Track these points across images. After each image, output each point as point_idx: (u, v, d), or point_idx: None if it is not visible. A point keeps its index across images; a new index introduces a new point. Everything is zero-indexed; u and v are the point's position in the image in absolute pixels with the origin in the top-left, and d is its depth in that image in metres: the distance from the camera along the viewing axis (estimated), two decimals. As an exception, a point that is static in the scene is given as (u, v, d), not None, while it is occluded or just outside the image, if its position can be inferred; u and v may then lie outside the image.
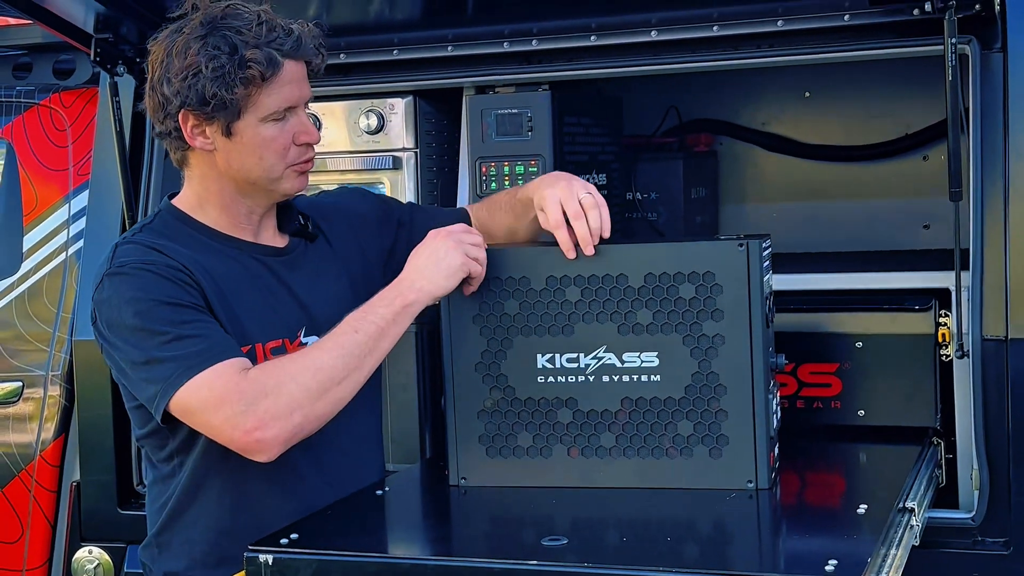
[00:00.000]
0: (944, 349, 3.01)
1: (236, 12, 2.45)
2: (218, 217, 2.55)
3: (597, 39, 3.21)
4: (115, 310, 2.37)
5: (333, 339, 2.38)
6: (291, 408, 2.30)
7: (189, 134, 2.46)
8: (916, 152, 3.95)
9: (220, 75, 2.38)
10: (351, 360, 2.36)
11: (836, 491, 2.75)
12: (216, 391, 2.29)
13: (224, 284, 2.47)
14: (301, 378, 2.31)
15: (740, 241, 2.46)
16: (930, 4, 2.79)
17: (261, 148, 2.47)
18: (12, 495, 3.72)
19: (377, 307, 2.42)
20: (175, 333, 2.33)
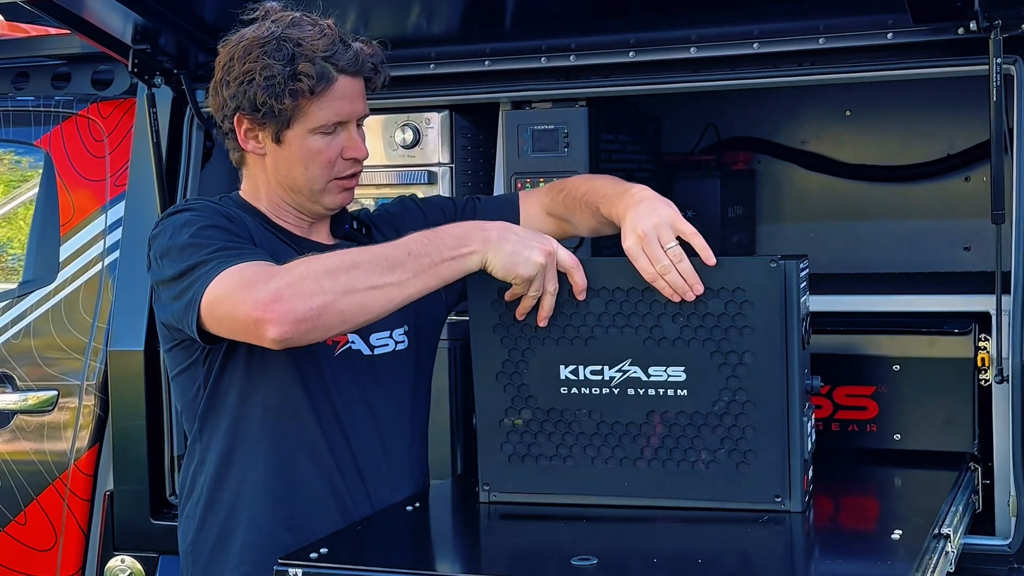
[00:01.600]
0: (983, 374, 2.97)
1: (301, 23, 2.51)
2: (271, 213, 2.61)
3: (635, 55, 3.18)
4: (169, 235, 2.43)
5: (383, 248, 2.36)
6: (313, 292, 2.25)
7: (243, 137, 2.55)
8: (958, 173, 3.92)
9: (271, 84, 2.45)
10: (389, 274, 2.31)
11: (870, 516, 2.72)
12: (248, 273, 2.29)
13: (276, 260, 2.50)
14: (335, 270, 2.28)
15: (774, 259, 2.42)
16: (975, 23, 2.76)
17: (307, 159, 2.52)
18: (46, 503, 3.74)
19: (442, 240, 2.36)
20: (222, 244, 2.37)
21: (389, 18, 3.39)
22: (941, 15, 2.82)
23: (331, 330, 2.32)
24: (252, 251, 2.40)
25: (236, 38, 2.53)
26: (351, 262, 2.30)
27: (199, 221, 2.43)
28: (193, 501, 2.62)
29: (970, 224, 3.79)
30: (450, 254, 2.36)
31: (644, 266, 2.42)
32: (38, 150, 3.94)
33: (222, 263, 2.32)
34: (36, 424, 3.75)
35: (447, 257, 2.35)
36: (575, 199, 2.72)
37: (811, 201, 4.08)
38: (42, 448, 3.73)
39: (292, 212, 2.62)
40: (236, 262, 2.32)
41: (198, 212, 2.48)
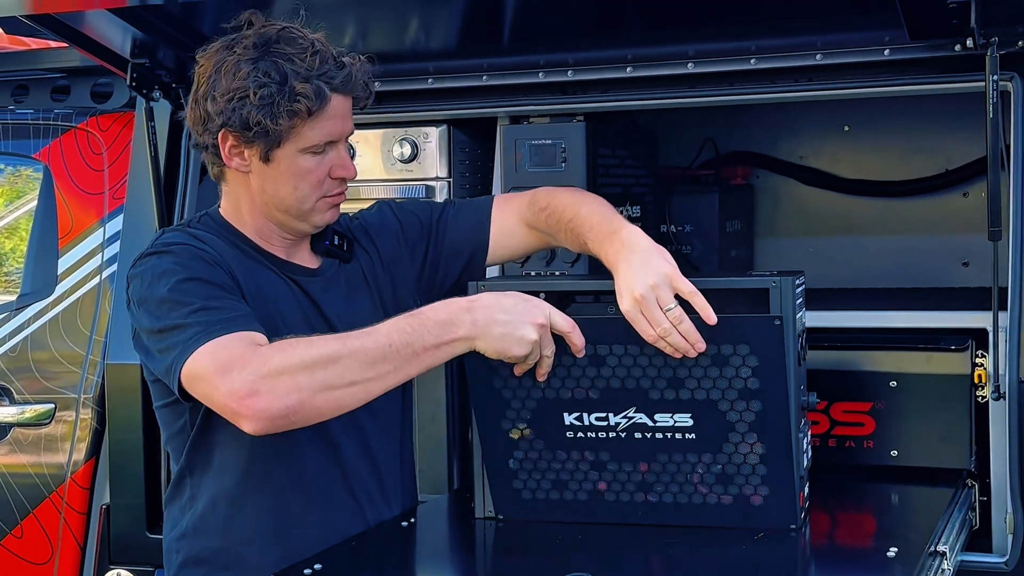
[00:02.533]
0: (980, 390, 2.96)
1: (291, 37, 2.43)
2: (253, 234, 2.55)
3: (633, 71, 3.19)
4: (148, 284, 2.36)
5: (363, 339, 2.26)
6: (290, 389, 2.20)
7: (227, 154, 2.46)
8: (956, 188, 3.91)
9: (267, 104, 2.37)
10: (369, 370, 2.24)
11: (867, 532, 2.71)
12: (223, 355, 2.23)
13: (256, 293, 2.46)
14: (312, 365, 2.21)
15: (777, 318, 2.37)
16: (972, 40, 2.76)
17: (296, 178, 2.47)
18: (43, 516, 3.74)
19: (426, 328, 2.27)
20: (201, 304, 2.30)
21: (387, 33, 3.39)
22: (938, 32, 2.82)
23: (308, 422, 2.28)
24: (231, 313, 2.31)
25: (220, 49, 2.45)
26: (330, 355, 2.22)
27: (178, 272, 2.35)
28: (176, 535, 2.57)
29: (968, 240, 3.78)
30: (434, 342, 2.26)
31: (645, 329, 2.34)
32: (37, 163, 3.95)
33: (200, 335, 2.25)
34: (33, 437, 3.75)
35: (431, 345, 2.27)
36: (559, 221, 2.63)
37: (809, 216, 4.07)
38: (39, 461, 3.73)
39: (276, 232, 2.56)
40: (215, 333, 2.25)
41: (177, 258, 2.39)
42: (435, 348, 2.27)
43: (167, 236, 2.48)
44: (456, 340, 2.28)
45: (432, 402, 3.28)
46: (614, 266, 2.42)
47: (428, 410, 3.28)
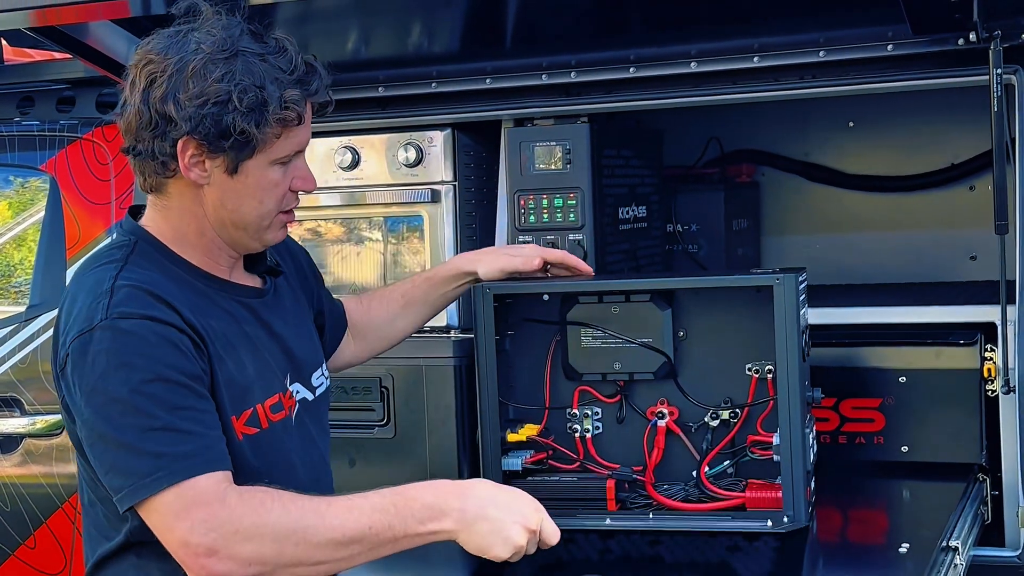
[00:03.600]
0: (990, 384, 2.96)
1: (254, 34, 2.22)
2: (195, 255, 2.29)
3: (636, 71, 3.19)
4: (101, 374, 2.06)
5: (342, 516, 2.06)
6: (251, 560, 2.02)
7: (185, 164, 2.17)
8: (963, 182, 3.90)
9: (254, 110, 2.15)
10: (342, 550, 2.06)
11: (877, 529, 2.71)
12: (186, 502, 2.02)
13: (219, 345, 2.22)
14: (282, 538, 2.03)
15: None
16: (975, 34, 2.76)
17: (263, 191, 2.25)
18: (55, 526, 3.74)
19: (411, 511, 2.09)
20: (164, 421, 2.04)
21: (390, 37, 3.40)
22: (941, 26, 2.82)
23: None
24: (198, 442, 2.06)
25: (172, 43, 2.17)
26: (304, 530, 2.03)
27: (139, 368, 2.05)
28: None
29: (976, 233, 3.78)
30: (416, 529, 2.08)
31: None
32: (44, 174, 3.96)
33: (160, 476, 2.02)
34: (45, 448, 3.75)
35: (411, 533, 2.08)
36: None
37: (816, 212, 4.07)
38: (51, 471, 3.74)
39: (224, 251, 2.31)
40: (177, 475, 2.02)
41: (137, 341, 2.07)
42: (415, 536, 2.09)
43: (123, 297, 2.12)
44: (439, 532, 2.10)
45: (442, 407, 3.28)
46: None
47: (438, 415, 3.28)
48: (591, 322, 2.74)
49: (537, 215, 3.28)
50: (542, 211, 3.28)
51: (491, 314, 2.69)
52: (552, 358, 2.80)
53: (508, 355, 2.81)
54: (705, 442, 2.68)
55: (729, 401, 2.67)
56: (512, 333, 2.81)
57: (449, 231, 3.42)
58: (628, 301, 2.73)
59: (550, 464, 2.77)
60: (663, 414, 2.71)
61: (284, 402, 2.34)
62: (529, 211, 3.28)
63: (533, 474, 2.75)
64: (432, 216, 3.42)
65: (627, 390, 2.75)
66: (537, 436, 2.77)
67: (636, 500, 2.66)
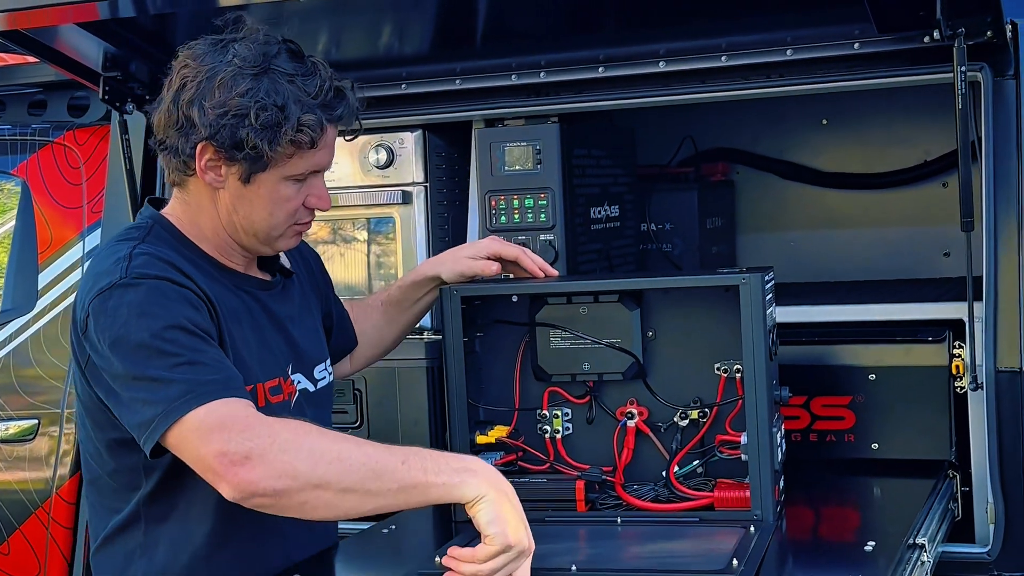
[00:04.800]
0: (959, 381, 2.96)
1: (292, 53, 2.32)
2: (209, 247, 2.43)
3: (605, 71, 3.19)
4: (123, 323, 2.17)
5: (376, 453, 2.10)
6: (283, 472, 2.05)
7: (201, 167, 2.32)
8: (935, 179, 3.91)
9: (269, 128, 2.25)
10: (374, 481, 2.07)
11: (845, 526, 2.71)
12: (220, 417, 2.08)
13: (228, 317, 2.36)
14: (317, 454, 2.07)
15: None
16: (939, 32, 2.75)
17: (273, 204, 2.36)
18: (29, 532, 3.73)
19: (445, 461, 2.12)
20: (188, 357, 2.14)
21: (360, 39, 3.40)
22: (905, 24, 2.82)
23: (285, 514, 2.10)
24: (221, 374, 2.16)
25: (211, 52, 2.30)
26: (339, 449, 2.07)
27: (159, 316, 2.17)
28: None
29: (949, 230, 3.75)
30: (449, 476, 2.09)
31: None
32: (15, 178, 3.95)
33: (190, 397, 2.10)
34: (18, 453, 3.75)
35: (443, 479, 2.08)
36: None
37: (791, 210, 4.08)
38: (24, 477, 3.73)
39: (236, 249, 2.45)
40: (207, 396, 2.10)
41: (156, 295, 2.19)
42: (446, 485, 2.09)
43: (137, 261, 2.25)
44: (468, 484, 2.09)
45: (415, 408, 3.29)
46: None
47: (411, 415, 3.29)
48: (560, 323, 2.74)
49: (508, 215, 3.28)
50: (513, 211, 3.28)
51: (459, 315, 2.69)
52: (522, 359, 2.80)
53: (478, 356, 2.81)
54: (675, 442, 2.68)
55: (698, 401, 2.67)
56: (481, 335, 2.81)
57: (421, 232, 3.42)
58: (597, 302, 2.73)
59: (520, 465, 2.77)
60: (632, 414, 2.71)
61: (284, 387, 2.44)
62: (500, 212, 3.28)
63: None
64: (404, 217, 3.43)
65: (596, 391, 2.75)
66: (507, 438, 2.76)
67: (606, 501, 2.65)
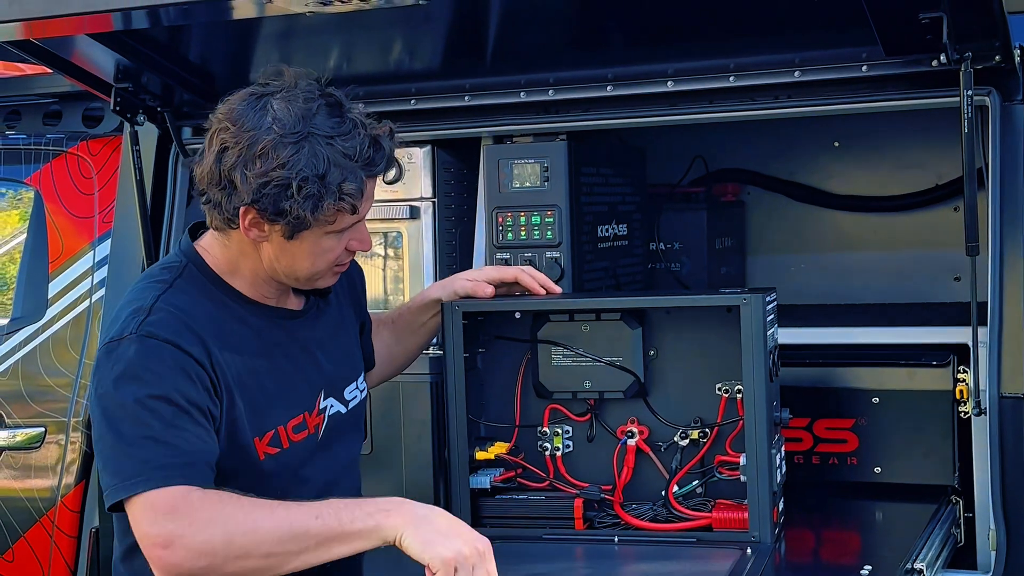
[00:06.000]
0: (962, 406, 2.95)
1: (328, 108, 2.32)
2: (245, 287, 2.46)
3: (613, 89, 3.19)
4: (115, 379, 2.26)
5: (289, 514, 2.18)
6: (203, 552, 2.15)
7: (245, 226, 2.33)
8: (947, 203, 3.90)
9: (310, 199, 2.27)
10: (290, 543, 2.16)
11: (843, 550, 2.71)
12: (156, 504, 2.18)
13: (246, 363, 2.39)
14: (231, 529, 2.16)
15: None
16: (946, 56, 2.75)
17: (316, 256, 2.39)
18: (33, 540, 3.74)
19: (357, 508, 2.19)
20: (157, 432, 2.21)
21: (370, 54, 3.41)
22: (913, 48, 2.82)
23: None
24: (181, 458, 2.21)
25: (249, 111, 2.30)
26: (253, 519, 2.16)
27: (149, 380, 2.24)
28: None
29: (959, 254, 3.66)
30: (364, 521, 2.16)
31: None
32: (29, 187, 3.97)
33: (138, 481, 2.18)
34: (24, 461, 3.75)
35: (359, 526, 2.16)
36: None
37: (801, 232, 4.07)
38: (29, 485, 3.74)
39: (273, 287, 2.48)
40: (154, 482, 2.18)
41: (155, 362, 2.26)
42: (362, 532, 2.17)
43: (154, 316, 2.31)
44: (386, 526, 2.16)
45: (417, 422, 3.28)
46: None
47: (414, 432, 3.28)
48: (562, 340, 2.75)
49: (515, 232, 3.28)
50: (520, 228, 3.28)
51: (460, 331, 2.70)
52: (523, 376, 2.80)
53: (479, 373, 2.82)
54: (674, 461, 2.68)
55: (699, 421, 2.67)
56: (483, 351, 2.82)
57: (428, 248, 3.43)
58: (599, 320, 2.74)
59: (519, 482, 2.77)
60: (633, 433, 2.72)
61: (309, 421, 2.48)
62: (507, 228, 3.29)
63: (502, 492, 2.75)
64: (411, 233, 3.43)
65: (597, 409, 2.76)
66: (507, 454, 2.77)
67: (604, 519, 2.65)
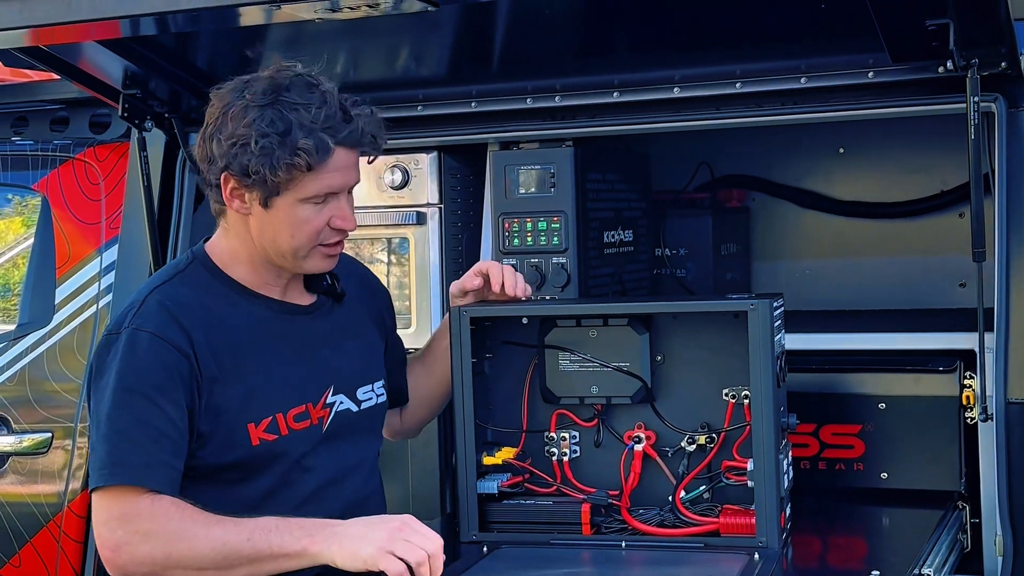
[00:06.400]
0: (969, 412, 2.95)
1: (304, 83, 2.42)
2: (247, 274, 2.54)
3: (620, 96, 3.20)
4: (105, 370, 2.41)
5: (227, 528, 2.30)
6: (144, 561, 2.31)
7: (227, 196, 2.46)
8: (952, 209, 3.90)
9: (267, 154, 2.36)
10: (223, 559, 2.29)
11: (850, 555, 2.71)
12: (112, 502, 2.34)
13: (247, 352, 2.47)
14: (172, 542, 2.30)
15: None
16: (952, 63, 2.76)
17: (294, 227, 2.45)
18: (40, 546, 3.74)
19: (287, 532, 2.30)
20: (124, 428, 2.35)
21: (378, 61, 3.42)
22: (919, 54, 2.83)
23: None
24: (143, 457, 2.34)
25: (232, 90, 2.44)
26: (192, 535, 2.29)
27: (127, 378, 2.37)
28: None
29: (965, 260, 3.68)
30: (291, 545, 2.28)
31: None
32: (36, 193, 3.98)
33: (104, 474, 2.34)
34: (31, 466, 3.76)
35: (288, 549, 2.28)
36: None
37: (806, 238, 4.07)
38: (36, 491, 3.74)
39: (272, 272, 2.55)
40: (116, 477, 2.33)
41: (138, 356, 2.38)
42: (291, 554, 2.28)
43: (146, 307, 2.45)
44: (309, 552, 2.28)
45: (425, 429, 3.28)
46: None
47: (420, 437, 3.28)
48: (569, 346, 2.75)
49: (521, 238, 3.30)
50: (526, 234, 3.29)
51: (468, 336, 2.70)
52: (530, 381, 2.81)
53: (487, 378, 2.82)
54: (681, 467, 2.69)
55: (706, 426, 2.68)
56: (490, 356, 2.82)
57: (435, 253, 3.44)
58: (606, 325, 2.74)
59: (527, 487, 2.78)
60: (640, 438, 2.72)
61: (312, 412, 2.52)
62: (513, 234, 3.30)
63: (509, 497, 2.75)
64: (418, 238, 3.44)
65: (604, 414, 2.76)
66: (514, 459, 2.77)
67: (611, 524, 2.66)
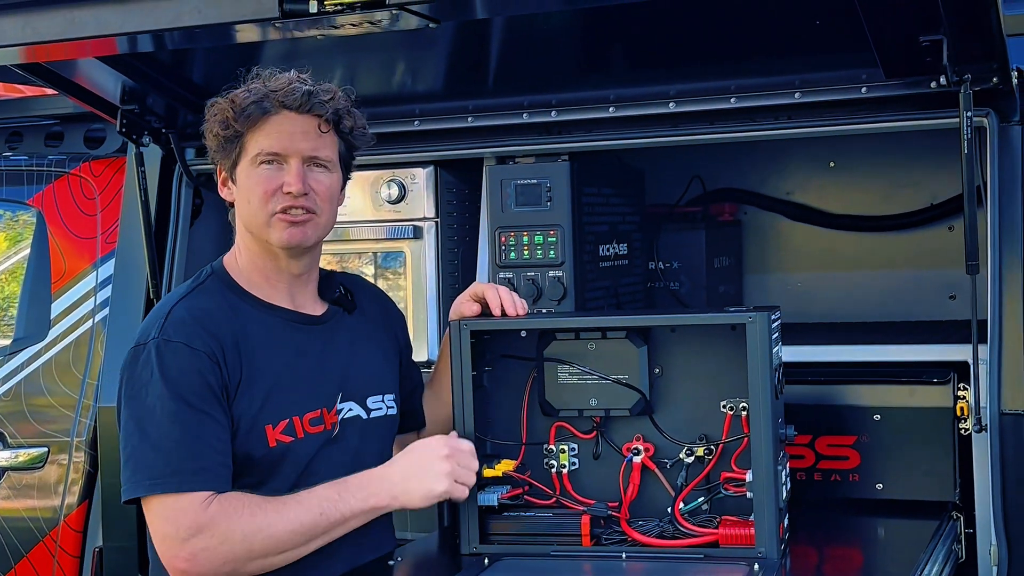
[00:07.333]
0: (963, 423, 2.98)
1: (276, 75, 2.58)
2: (253, 278, 2.62)
3: (615, 111, 3.23)
4: (141, 384, 2.46)
5: (296, 509, 2.43)
6: (225, 559, 2.39)
7: (220, 185, 2.62)
8: (942, 222, 3.93)
9: (221, 119, 2.54)
10: (301, 538, 2.43)
11: (848, 566, 2.72)
12: (174, 510, 2.39)
13: (263, 359, 2.54)
14: (249, 536, 2.39)
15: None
16: (945, 78, 2.79)
17: (248, 192, 2.55)
18: (36, 560, 3.74)
19: (350, 496, 2.48)
20: (178, 437, 2.40)
21: (374, 75, 3.44)
22: (912, 70, 2.86)
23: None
24: (193, 463, 2.41)
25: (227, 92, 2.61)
26: (267, 531, 2.40)
27: (166, 389, 2.43)
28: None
29: (955, 273, 3.74)
30: (360, 506, 2.48)
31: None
32: (31, 208, 3.98)
33: (153, 484, 2.40)
34: (27, 481, 3.76)
35: (357, 510, 2.48)
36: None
37: (797, 251, 4.10)
38: (32, 505, 3.74)
39: (270, 264, 2.61)
40: (169, 486, 2.39)
41: (174, 362, 2.45)
42: (361, 513, 2.49)
43: (173, 318, 2.50)
44: (379, 506, 2.50)
45: (423, 440, 3.30)
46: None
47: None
48: (567, 358, 2.76)
49: (518, 252, 3.31)
50: (522, 248, 3.31)
51: (468, 349, 2.71)
52: (529, 394, 2.82)
53: (486, 391, 2.83)
54: (680, 478, 2.70)
55: (704, 438, 2.69)
56: (490, 369, 2.83)
57: (431, 267, 3.46)
58: (604, 338, 2.75)
59: (526, 500, 2.79)
60: (639, 450, 2.73)
61: (326, 417, 2.59)
62: (510, 248, 3.32)
63: (509, 509, 2.76)
64: (414, 253, 3.46)
65: (603, 426, 2.77)
66: (513, 472, 2.78)
67: (610, 536, 2.67)
